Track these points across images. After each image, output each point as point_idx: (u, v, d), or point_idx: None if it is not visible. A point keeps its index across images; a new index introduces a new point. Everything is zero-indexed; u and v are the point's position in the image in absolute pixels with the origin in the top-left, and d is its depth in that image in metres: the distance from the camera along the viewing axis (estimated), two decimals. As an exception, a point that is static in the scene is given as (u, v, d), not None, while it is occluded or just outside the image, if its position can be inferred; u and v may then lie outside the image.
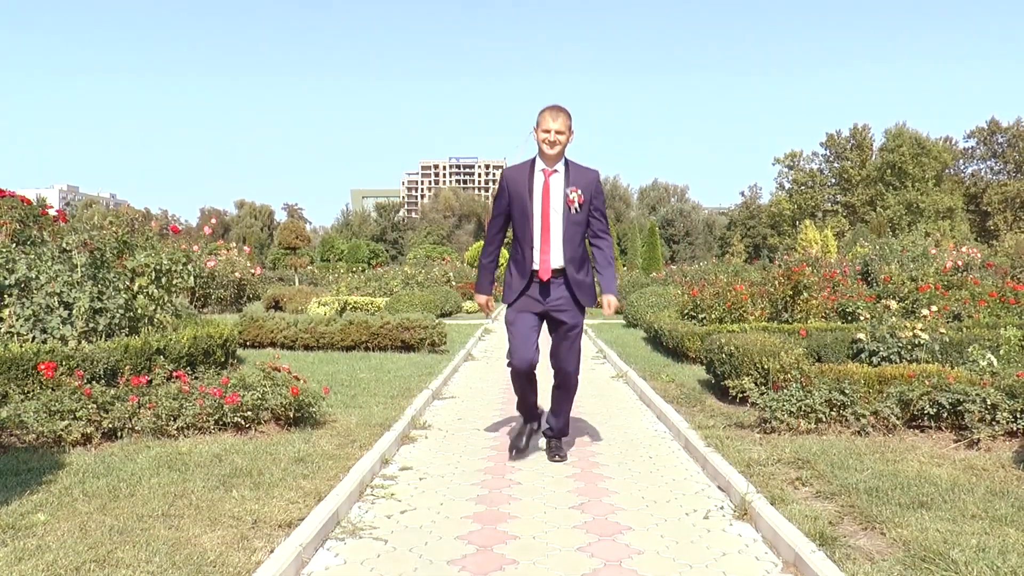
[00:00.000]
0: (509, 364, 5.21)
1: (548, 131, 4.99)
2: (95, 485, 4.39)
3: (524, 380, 5.32)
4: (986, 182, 78.69)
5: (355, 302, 16.66)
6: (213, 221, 16.47)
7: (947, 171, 77.02)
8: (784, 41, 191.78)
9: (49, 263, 7.55)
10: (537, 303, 5.13)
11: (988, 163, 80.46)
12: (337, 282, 23.76)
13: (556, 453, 5.43)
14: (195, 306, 18.10)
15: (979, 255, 20.09)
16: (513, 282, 5.17)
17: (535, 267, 5.07)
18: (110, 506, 4.06)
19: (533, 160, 5.13)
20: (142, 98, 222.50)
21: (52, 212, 9.94)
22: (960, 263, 17.69)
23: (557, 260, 5.07)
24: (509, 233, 5.38)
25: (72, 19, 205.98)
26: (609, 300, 5.25)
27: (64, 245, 7.95)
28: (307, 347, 11.49)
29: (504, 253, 18.68)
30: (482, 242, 5.41)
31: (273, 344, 11.59)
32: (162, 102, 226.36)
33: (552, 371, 5.40)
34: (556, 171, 5.07)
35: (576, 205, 5.03)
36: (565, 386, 5.40)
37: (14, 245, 7.93)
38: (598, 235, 5.24)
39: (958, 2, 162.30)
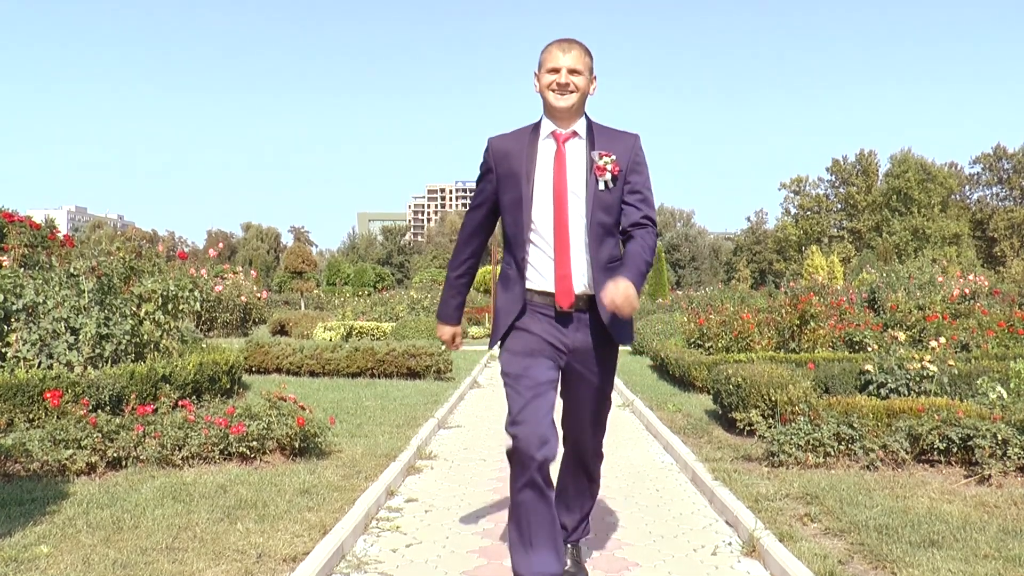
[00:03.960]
0: (510, 449, 3.22)
1: (557, 70, 3.25)
2: (99, 516, 4.37)
3: (534, 487, 3.20)
4: (992, 208, 78.70)
5: (361, 327, 16.66)
6: (220, 245, 16.50)
7: (953, 197, 77.09)
8: (789, 66, 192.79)
9: (56, 288, 7.58)
10: (551, 346, 3.32)
11: (994, 189, 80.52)
12: (343, 306, 23.81)
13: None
14: (201, 330, 18.13)
15: (986, 283, 20.04)
16: (509, 311, 3.37)
17: (546, 288, 3.30)
18: (114, 538, 4.04)
19: (537, 123, 3.40)
20: (150, 119, 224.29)
21: (60, 236, 10.00)
22: (967, 291, 17.66)
23: (584, 277, 3.29)
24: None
25: (81, 39, 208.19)
26: (618, 286, 3.03)
27: (71, 270, 7.98)
28: (312, 373, 11.48)
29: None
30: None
31: (279, 370, 11.58)
32: (170, 124, 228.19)
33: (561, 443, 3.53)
34: (576, 134, 3.33)
35: (608, 177, 3.25)
36: (583, 465, 3.64)
37: (22, 270, 7.97)
38: (639, 224, 3.33)
39: (963, 28, 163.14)
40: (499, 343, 3.45)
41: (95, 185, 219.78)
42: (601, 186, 3.25)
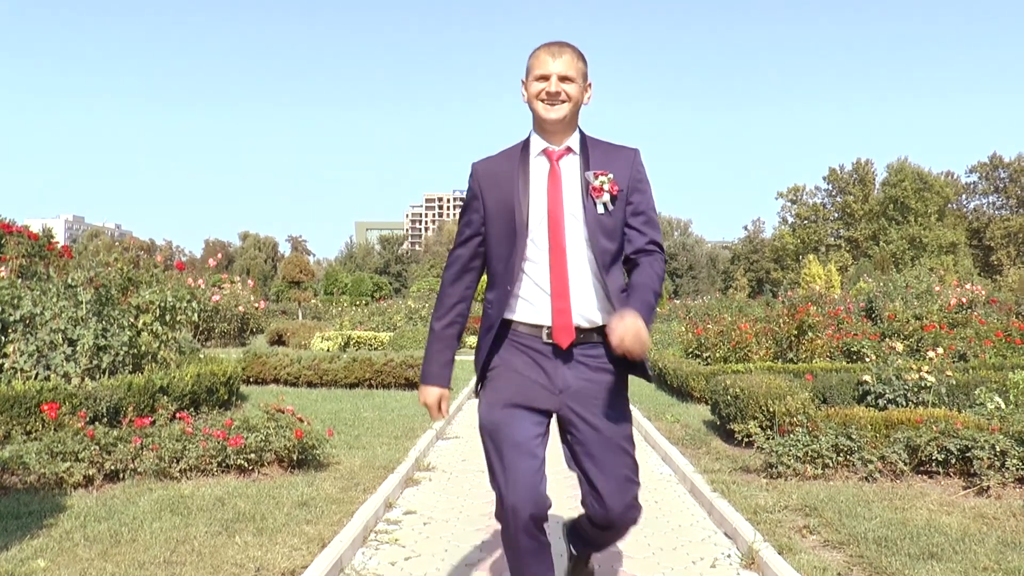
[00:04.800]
0: (497, 511, 2.88)
1: (546, 77, 2.85)
2: (96, 529, 4.36)
3: (526, 547, 2.84)
4: (988, 217, 78.92)
5: (358, 337, 16.65)
6: (219, 255, 16.56)
7: (949, 206, 77.29)
8: (786, 75, 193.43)
9: (54, 299, 7.56)
10: (536, 387, 2.85)
11: (990, 198, 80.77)
12: (341, 316, 23.80)
13: None
14: (198, 340, 18.10)
15: (983, 292, 20.08)
16: (492, 351, 2.93)
17: (541, 322, 2.85)
18: (111, 552, 4.02)
19: (525, 141, 2.98)
20: (148, 128, 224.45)
21: (58, 247, 9.99)
22: (964, 300, 17.69)
23: (583, 308, 2.84)
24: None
25: (79, 49, 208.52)
26: (625, 322, 2.63)
27: (69, 281, 7.98)
28: (310, 384, 11.46)
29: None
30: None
31: (276, 381, 11.56)
32: (168, 132, 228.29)
33: (588, 510, 2.99)
34: (570, 151, 2.92)
35: (607, 198, 2.84)
36: (611, 531, 3.06)
37: (19, 280, 7.96)
38: (645, 250, 2.93)
39: (960, 38, 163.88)
40: (479, 387, 2.98)
41: (93, 194, 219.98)
42: (600, 209, 2.84)
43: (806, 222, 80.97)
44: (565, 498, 5.09)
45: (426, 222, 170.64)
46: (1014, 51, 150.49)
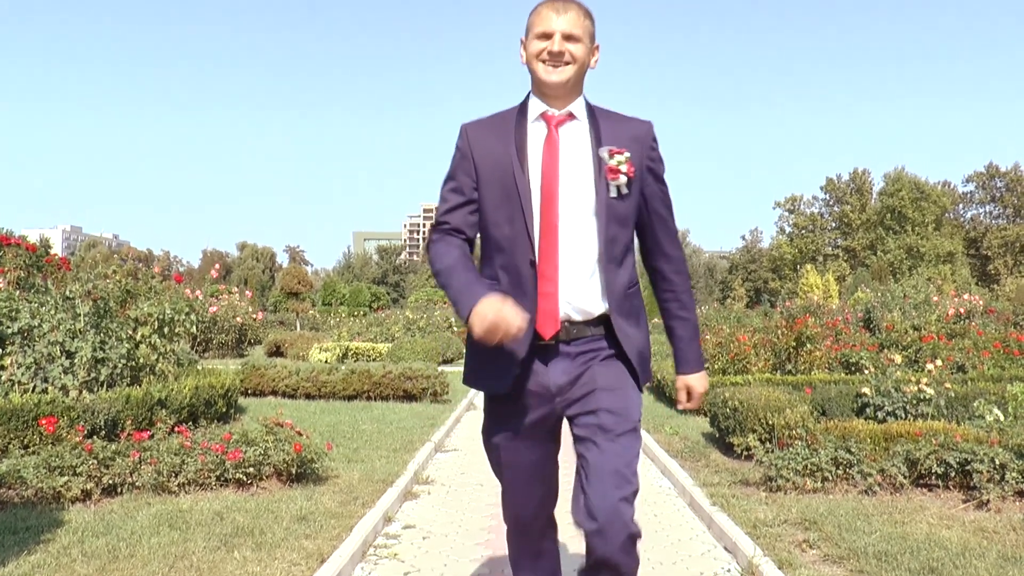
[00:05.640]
0: (504, 515, 2.92)
1: (548, 35, 2.57)
2: (94, 545, 4.34)
3: (533, 554, 2.95)
4: (985, 226, 79.13)
5: (356, 348, 16.64)
6: (217, 266, 16.60)
7: (946, 215, 77.53)
8: (784, 84, 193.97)
9: (52, 311, 7.56)
10: (539, 399, 2.63)
11: (987, 207, 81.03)
12: (339, 327, 23.79)
13: None
14: (196, 351, 18.08)
15: (981, 302, 20.12)
16: (485, 349, 2.55)
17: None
18: (109, 568, 4.01)
19: (523, 103, 2.69)
20: (146, 138, 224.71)
21: (56, 259, 9.99)
22: (963, 311, 17.72)
23: (576, 296, 2.56)
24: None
25: (76, 58, 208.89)
26: (693, 383, 2.83)
27: (67, 293, 7.97)
28: (308, 396, 11.44)
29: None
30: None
31: (275, 392, 11.54)
32: (165, 142, 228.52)
33: (580, 519, 2.57)
34: (573, 116, 2.64)
35: (623, 180, 2.56)
36: (611, 559, 2.50)
37: (17, 292, 7.95)
38: (662, 245, 2.75)
39: (956, 47, 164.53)
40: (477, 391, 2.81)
41: (91, 204, 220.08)
42: (613, 192, 2.54)
43: (804, 232, 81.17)
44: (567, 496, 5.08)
45: (424, 231, 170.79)
46: (1010, 60, 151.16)
